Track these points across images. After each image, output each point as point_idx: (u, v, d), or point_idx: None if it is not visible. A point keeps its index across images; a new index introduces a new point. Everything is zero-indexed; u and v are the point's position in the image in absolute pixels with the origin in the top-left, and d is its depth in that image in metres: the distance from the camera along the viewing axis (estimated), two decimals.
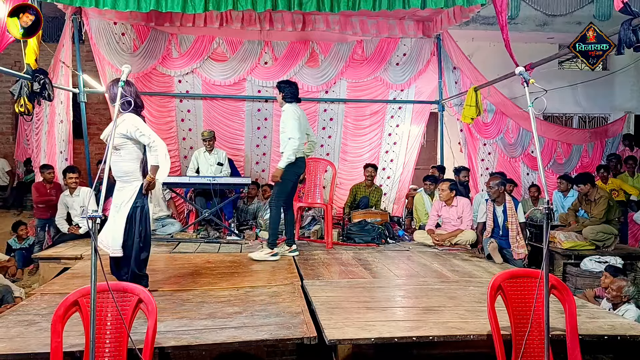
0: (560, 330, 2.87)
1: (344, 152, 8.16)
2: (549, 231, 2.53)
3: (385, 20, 7.49)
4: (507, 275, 2.81)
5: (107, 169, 2.41)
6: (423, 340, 2.97)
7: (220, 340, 2.90)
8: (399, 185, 8.34)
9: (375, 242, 6.27)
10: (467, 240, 6.02)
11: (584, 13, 8.86)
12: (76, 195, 6.21)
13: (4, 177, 9.74)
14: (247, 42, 7.58)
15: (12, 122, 10.24)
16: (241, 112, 7.85)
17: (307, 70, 7.75)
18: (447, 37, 7.62)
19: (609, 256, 5.65)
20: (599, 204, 6.09)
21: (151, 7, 5.32)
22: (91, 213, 2.23)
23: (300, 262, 5.10)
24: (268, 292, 3.94)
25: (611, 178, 7.75)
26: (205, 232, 6.65)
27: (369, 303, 3.68)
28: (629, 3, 4.35)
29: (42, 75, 5.54)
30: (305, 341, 2.94)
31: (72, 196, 6.20)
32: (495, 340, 2.66)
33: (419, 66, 7.94)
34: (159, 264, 4.90)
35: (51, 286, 4.15)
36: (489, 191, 5.73)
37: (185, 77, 7.61)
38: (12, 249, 6.68)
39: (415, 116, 8.17)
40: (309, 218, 7.10)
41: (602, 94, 10.01)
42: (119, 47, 7.19)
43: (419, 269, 4.94)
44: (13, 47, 5.67)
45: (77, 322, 2.54)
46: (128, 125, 3.61)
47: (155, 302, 2.57)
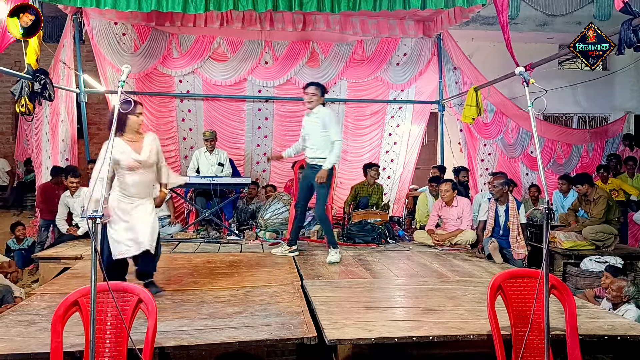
0: (560, 330, 2.87)
1: (344, 152, 8.14)
2: (549, 231, 2.54)
3: (386, 20, 7.50)
4: (507, 275, 2.81)
5: (106, 170, 2.41)
6: (423, 340, 2.97)
7: (220, 340, 2.90)
8: (399, 185, 8.34)
9: (375, 242, 6.27)
10: (467, 240, 6.02)
11: (584, 13, 8.86)
12: (77, 196, 6.21)
13: (4, 177, 9.74)
14: (248, 42, 7.58)
15: (12, 122, 10.24)
16: (242, 112, 7.85)
17: (307, 70, 7.75)
18: (447, 37, 7.62)
19: (609, 256, 5.65)
20: (599, 204, 6.09)
21: (152, 7, 5.33)
22: (91, 213, 2.23)
23: (300, 262, 5.10)
24: (268, 292, 3.94)
25: (611, 178, 7.75)
26: (205, 232, 6.65)
27: (369, 303, 3.68)
28: (629, 3, 4.35)
29: (42, 76, 5.54)
30: (305, 341, 2.94)
31: (72, 197, 6.21)
32: (495, 340, 2.66)
33: (420, 66, 7.95)
34: (159, 264, 4.87)
35: (51, 286, 4.15)
36: (492, 190, 5.73)
37: (186, 77, 7.62)
38: (12, 250, 6.68)
39: (416, 116, 8.18)
40: (309, 218, 7.10)
41: (602, 94, 10.00)
42: (120, 47, 7.20)
43: (419, 269, 4.94)
44: (13, 47, 5.67)
45: (77, 322, 2.54)
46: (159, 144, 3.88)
47: (155, 302, 2.57)
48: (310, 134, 5.14)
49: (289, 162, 7.89)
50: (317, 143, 5.10)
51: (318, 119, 5.05)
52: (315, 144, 5.11)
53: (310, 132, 5.14)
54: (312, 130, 5.12)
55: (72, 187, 6.16)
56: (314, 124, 5.08)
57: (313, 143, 5.14)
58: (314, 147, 5.14)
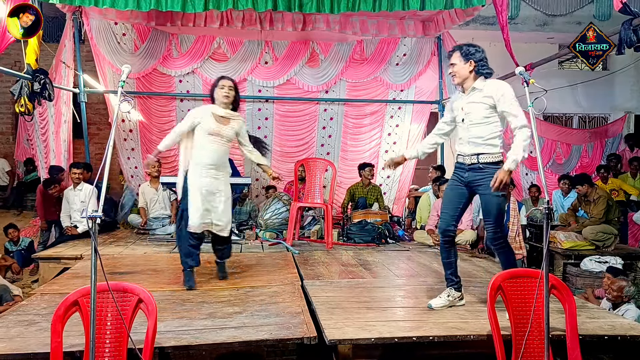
0: (560, 330, 2.87)
1: (344, 151, 8.17)
2: (549, 231, 2.54)
3: (386, 20, 7.49)
4: (507, 275, 2.81)
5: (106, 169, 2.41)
6: (423, 340, 2.97)
7: (220, 340, 2.90)
8: (399, 185, 8.34)
9: (375, 242, 6.27)
10: (467, 240, 6.02)
11: (584, 13, 8.86)
12: (79, 189, 6.21)
13: (4, 177, 9.74)
14: (248, 42, 7.58)
15: (12, 122, 10.24)
16: (242, 111, 7.84)
17: (307, 70, 7.76)
18: (447, 37, 7.61)
19: (609, 256, 5.66)
20: (598, 204, 6.10)
21: (151, 6, 5.32)
22: (91, 213, 2.23)
23: (300, 262, 5.10)
24: (268, 292, 3.94)
25: (611, 178, 7.75)
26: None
27: (369, 303, 3.68)
28: (627, 3, 4.36)
29: (42, 75, 5.54)
30: (305, 341, 2.94)
31: (74, 190, 6.21)
32: (495, 340, 2.66)
33: (419, 66, 7.95)
34: (159, 264, 4.90)
35: (51, 286, 4.15)
36: None
37: (186, 77, 7.62)
38: (10, 251, 6.68)
39: (415, 116, 8.18)
40: (309, 218, 7.11)
41: (602, 94, 10.00)
42: (120, 47, 7.20)
43: (419, 269, 4.95)
44: (13, 47, 5.67)
45: (77, 322, 2.54)
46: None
47: (155, 302, 2.57)
48: (472, 119, 3.47)
49: (289, 162, 7.92)
50: (480, 132, 3.45)
51: (485, 97, 3.41)
52: (478, 133, 3.45)
53: (470, 117, 3.47)
54: (472, 115, 3.47)
55: (75, 179, 6.16)
56: (477, 105, 3.44)
57: (474, 133, 3.45)
58: (474, 139, 3.46)
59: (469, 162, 3.49)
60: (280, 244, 6.04)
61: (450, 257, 3.61)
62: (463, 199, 3.57)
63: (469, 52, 3.50)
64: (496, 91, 3.37)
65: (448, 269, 3.62)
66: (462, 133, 3.56)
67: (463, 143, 3.55)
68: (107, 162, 2.43)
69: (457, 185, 3.58)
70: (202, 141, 4.10)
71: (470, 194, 3.57)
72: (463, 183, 3.54)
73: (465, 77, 3.49)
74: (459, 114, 3.57)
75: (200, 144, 4.10)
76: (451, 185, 3.65)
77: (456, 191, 3.58)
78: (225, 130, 4.15)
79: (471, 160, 3.47)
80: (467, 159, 3.51)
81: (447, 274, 3.64)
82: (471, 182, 3.49)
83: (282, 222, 6.62)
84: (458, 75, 3.51)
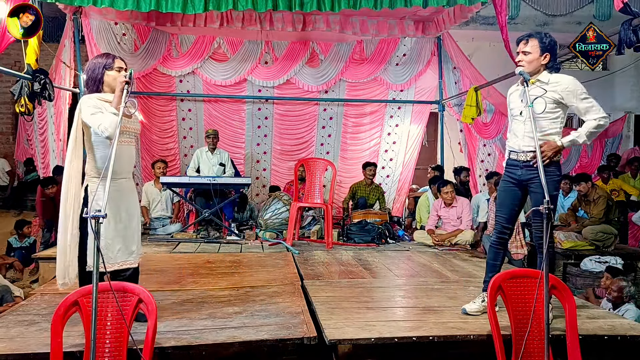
0: (560, 330, 2.88)
1: (344, 151, 8.17)
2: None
3: (385, 20, 7.49)
4: (507, 275, 2.81)
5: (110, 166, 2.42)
6: (423, 340, 2.97)
7: (220, 340, 2.90)
8: (399, 184, 8.34)
9: (375, 242, 6.27)
10: (466, 240, 6.03)
11: (584, 13, 8.85)
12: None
13: (4, 177, 9.74)
14: (248, 42, 7.59)
15: (12, 122, 10.24)
16: (242, 111, 7.86)
17: (307, 70, 7.76)
18: (447, 37, 7.62)
19: (609, 256, 5.65)
20: (598, 204, 6.10)
21: (151, 7, 5.32)
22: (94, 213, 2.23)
23: (300, 262, 5.10)
24: (268, 292, 3.94)
25: (612, 178, 7.75)
26: (205, 232, 6.65)
27: (369, 303, 3.68)
28: (628, 3, 4.35)
29: (42, 75, 5.53)
30: (305, 341, 2.94)
31: None
32: (495, 340, 2.66)
33: (419, 66, 7.94)
34: (159, 264, 4.90)
35: (51, 286, 4.14)
36: (491, 191, 5.72)
37: (186, 77, 7.62)
38: (13, 248, 6.68)
39: (415, 116, 8.18)
40: (309, 218, 7.11)
41: (602, 94, 9.96)
42: (120, 47, 7.19)
43: (419, 269, 4.95)
44: (13, 47, 5.67)
45: (77, 322, 2.54)
46: None
47: (155, 302, 2.57)
48: (532, 113, 3.07)
49: (289, 162, 7.92)
50: (539, 126, 3.17)
51: (551, 92, 3.15)
52: (540, 128, 3.17)
53: (530, 110, 3.06)
54: (533, 108, 3.09)
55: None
56: (540, 99, 3.15)
57: (533, 128, 3.04)
58: (532, 134, 3.05)
59: (523, 159, 3.25)
60: (280, 244, 6.04)
61: (497, 260, 3.41)
62: (516, 200, 3.38)
63: (550, 44, 3.19)
64: (566, 88, 3.14)
65: (491, 271, 3.33)
66: (517, 127, 3.30)
67: (518, 138, 3.28)
68: (110, 162, 2.44)
69: (509, 186, 3.37)
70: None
71: (524, 193, 3.36)
72: (516, 182, 3.32)
73: (537, 69, 3.21)
74: (515, 107, 3.31)
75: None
76: (504, 187, 3.43)
77: (509, 193, 3.38)
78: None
79: (526, 157, 3.23)
80: (521, 156, 3.26)
81: (488, 277, 3.31)
82: (525, 179, 3.26)
83: (282, 222, 6.63)
84: (529, 66, 3.19)
